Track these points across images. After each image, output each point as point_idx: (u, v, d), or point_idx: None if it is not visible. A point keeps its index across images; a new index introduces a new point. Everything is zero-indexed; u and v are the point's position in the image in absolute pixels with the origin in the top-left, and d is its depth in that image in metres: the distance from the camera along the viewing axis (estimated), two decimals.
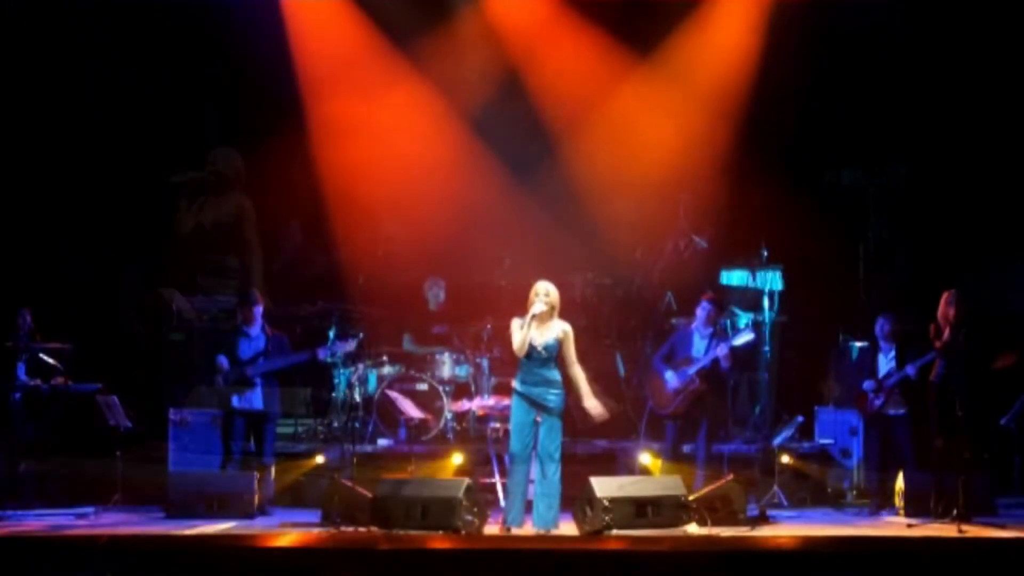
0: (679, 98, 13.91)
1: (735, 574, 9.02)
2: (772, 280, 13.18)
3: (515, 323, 10.18)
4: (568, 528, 10.28)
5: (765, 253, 13.08)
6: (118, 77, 13.67)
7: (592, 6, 13.80)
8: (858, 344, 12.39)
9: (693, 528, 10.17)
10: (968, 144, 13.42)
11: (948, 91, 13.46)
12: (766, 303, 13.12)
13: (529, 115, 13.95)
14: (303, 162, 13.78)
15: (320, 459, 12.13)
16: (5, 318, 12.05)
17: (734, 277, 13.42)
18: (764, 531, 10.33)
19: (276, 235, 13.94)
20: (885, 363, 11.54)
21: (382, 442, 12.63)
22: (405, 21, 13.86)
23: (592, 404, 10.17)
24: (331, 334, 12.75)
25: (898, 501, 11.25)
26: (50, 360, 12.02)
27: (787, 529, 10.55)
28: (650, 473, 11.60)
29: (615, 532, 9.91)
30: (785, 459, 12.05)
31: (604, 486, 10.12)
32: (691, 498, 10.37)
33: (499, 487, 11.13)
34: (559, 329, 10.17)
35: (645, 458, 11.77)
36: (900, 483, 11.24)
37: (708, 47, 13.83)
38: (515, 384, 10.22)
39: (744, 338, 11.67)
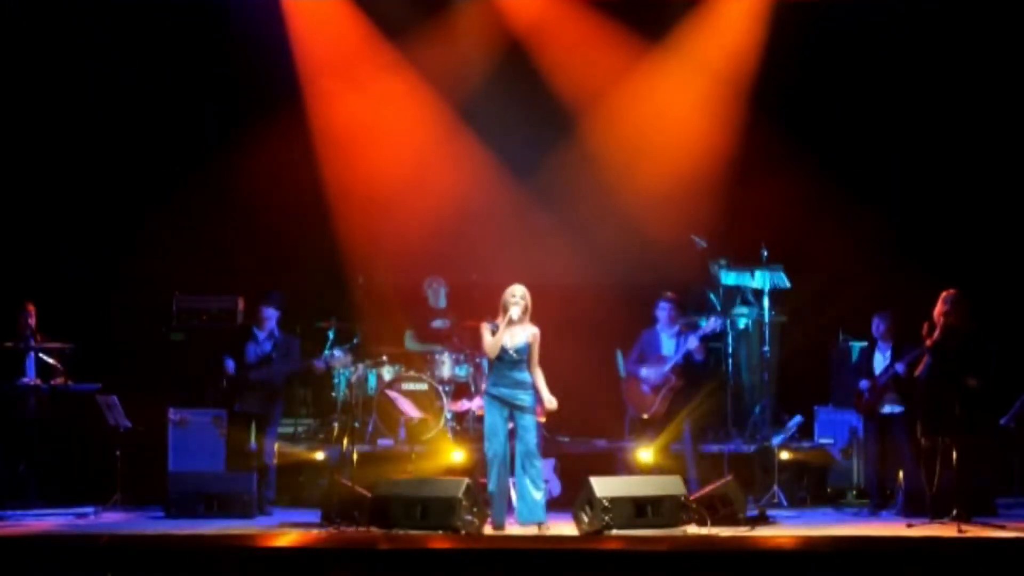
0: (683, 94, 13.89)
1: (735, 574, 9.03)
2: (772, 279, 13.16)
3: (485, 327, 10.41)
4: (568, 528, 10.30)
5: (765, 252, 13.06)
6: (118, 77, 13.67)
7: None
8: (858, 344, 12.38)
9: (692, 528, 10.17)
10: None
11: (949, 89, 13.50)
12: (766, 303, 13.12)
13: (530, 113, 13.95)
14: (303, 162, 13.78)
15: (320, 456, 12.17)
16: (5, 318, 12.07)
17: (733, 277, 13.40)
18: (763, 531, 10.33)
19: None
20: (882, 362, 11.53)
21: (382, 442, 12.63)
22: (406, 18, 13.85)
23: (548, 396, 10.39)
24: (329, 340, 12.81)
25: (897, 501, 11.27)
26: (50, 360, 12.04)
27: (787, 529, 10.54)
28: (649, 466, 11.56)
29: (614, 532, 9.91)
30: (785, 455, 12.07)
31: (604, 486, 10.13)
32: (691, 498, 10.37)
33: None
34: (529, 333, 10.41)
35: (644, 454, 11.74)
36: (900, 482, 11.25)
37: (713, 43, 13.82)
38: (487, 387, 10.47)
39: (712, 326, 11.78)
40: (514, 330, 10.36)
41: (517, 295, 10.38)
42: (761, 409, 13.06)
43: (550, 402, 10.42)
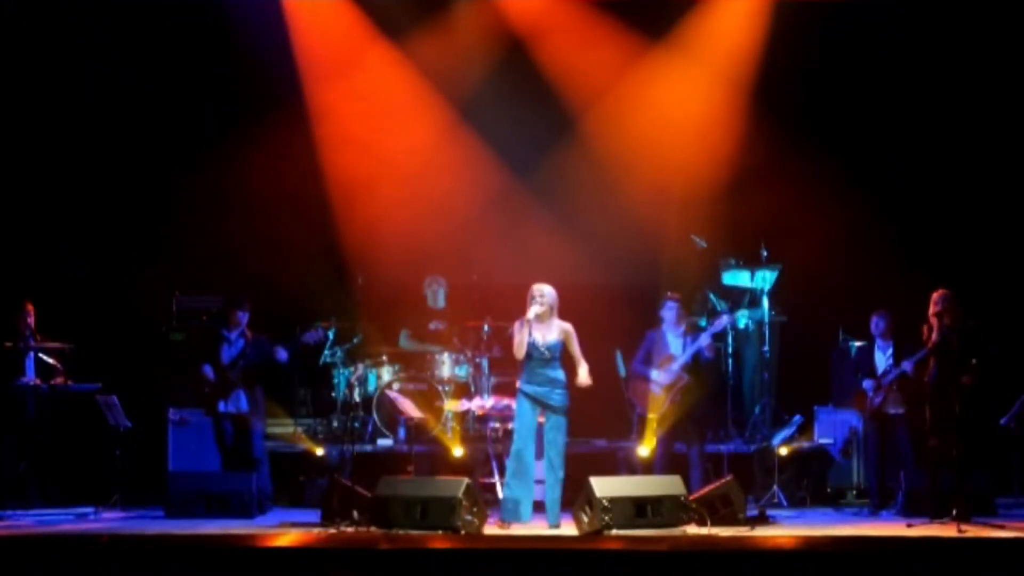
0: (684, 93, 13.86)
1: (735, 574, 9.01)
2: (772, 279, 13.16)
3: (517, 326, 10.42)
4: (568, 528, 10.30)
5: (765, 252, 13.06)
6: (118, 77, 13.67)
7: None
8: (857, 343, 12.38)
9: (692, 528, 10.17)
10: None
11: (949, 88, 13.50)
12: (766, 302, 13.11)
13: (531, 113, 13.94)
14: (303, 161, 13.77)
15: (320, 451, 12.20)
16: (5, 318, 12.07)
17: (734, 277, 13.40)
18: (763, 531, 10.33)
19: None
20: (883, 361, 11.53)
21: (382, 442, 12.64)
22: (406, 17, 13.85)
23: (583, 370, 10.45)
24: (329, 340, 12.83)
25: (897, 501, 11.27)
26: (50, 360, 12.05)
27: (787, 529, 10.55)
28: (649, 460, 11.55)
29: (615, 532, 9.91)
30: (785, 455, 12.07)
31: (604, 486, 10.12)
32: (691, 498, 10.37)
33: (498, 487, 11.16)
34: (560, 329, 10.43)
35: (644, 450, 11.73)
36: (900, 483, 11.24)
37: (715, 41, 13.81)
38: (520, 385, 10.46)
39: (724, 323, 11.83)
40: (544, 328, 10.39)
41: (537, 294, 10.42)
42: (761, 409, 13.06)
43: (583, 375, 10.44)
